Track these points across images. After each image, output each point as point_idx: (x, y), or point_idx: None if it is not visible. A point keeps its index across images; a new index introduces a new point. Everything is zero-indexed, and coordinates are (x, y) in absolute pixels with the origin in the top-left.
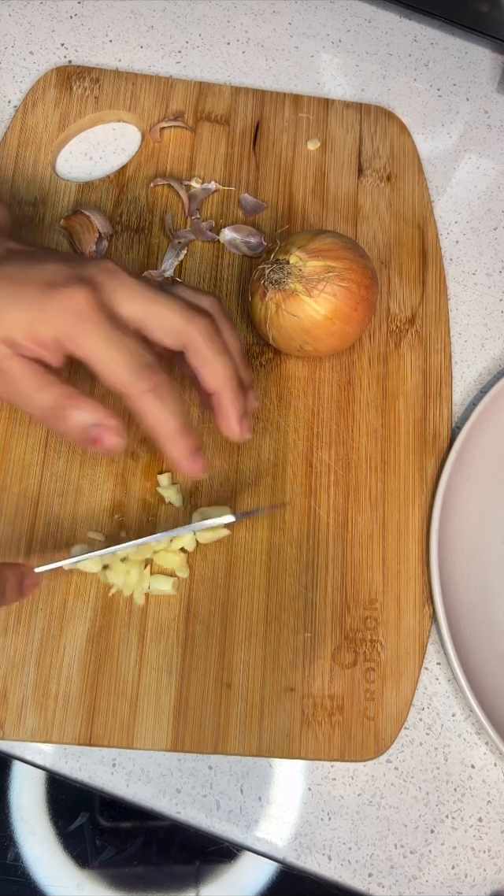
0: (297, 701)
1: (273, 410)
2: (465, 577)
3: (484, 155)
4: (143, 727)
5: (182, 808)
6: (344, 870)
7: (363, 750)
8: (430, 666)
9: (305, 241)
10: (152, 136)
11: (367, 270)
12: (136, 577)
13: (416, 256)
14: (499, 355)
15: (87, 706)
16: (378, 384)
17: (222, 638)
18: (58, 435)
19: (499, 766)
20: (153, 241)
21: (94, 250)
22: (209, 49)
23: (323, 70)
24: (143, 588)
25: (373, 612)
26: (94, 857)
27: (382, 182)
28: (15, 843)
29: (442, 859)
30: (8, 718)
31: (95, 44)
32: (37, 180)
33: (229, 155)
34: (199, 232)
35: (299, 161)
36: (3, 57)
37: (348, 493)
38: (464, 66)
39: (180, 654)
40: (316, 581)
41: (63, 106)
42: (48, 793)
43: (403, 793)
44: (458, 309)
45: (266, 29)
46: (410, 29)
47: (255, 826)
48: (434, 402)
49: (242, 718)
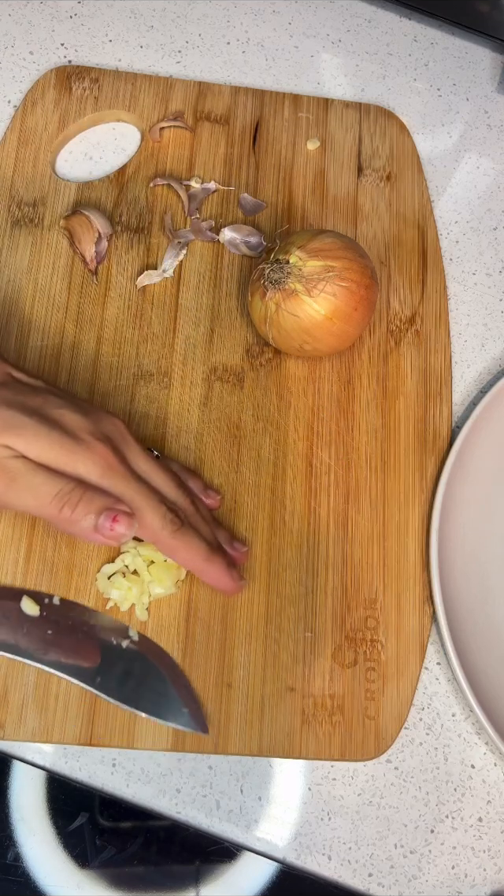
0: (297, 700)
1: (273, 410)
2: (465, 577)
3: (484, 155)
4: (144, 727)
5: (182, 808)
6: (344, 870)
7: (363, 750)
8: (430, 666)
9: (305, 241)
10: (152, 136)
11: (366, 270)
12: (137, 592)
13: (416, 256)
14: (499, 355)
15: (88, 706)
16: (378, 384)
17: (222, 637)
18: (64, 529)
19: (499, 766)
20: (153, 240)
21: (94, 250)
22: (209, 49)
23: (323, 70)
24: (144, 603)
25: (373, 611)
26: (94, 857)
27: (382, 182)
28: (15, 843)
29: (442, 859)
30: (9, 718)
31: (95, 44)
32: (36, 180)
33: (229, 155)
34: (199, 232)
35: (299, 161)
36: (3, 57)
37: (348, 493)
38: (464, 66)
39: (181, 653)
40: (316, 581)
41: (63, 106)
42: (48, 793)
43: (403, 793)
44: (458, 309)
45: (266, 29)
46: (410, 29)
47: (255, 826)
48: (434, 402)
49: (243, 718)
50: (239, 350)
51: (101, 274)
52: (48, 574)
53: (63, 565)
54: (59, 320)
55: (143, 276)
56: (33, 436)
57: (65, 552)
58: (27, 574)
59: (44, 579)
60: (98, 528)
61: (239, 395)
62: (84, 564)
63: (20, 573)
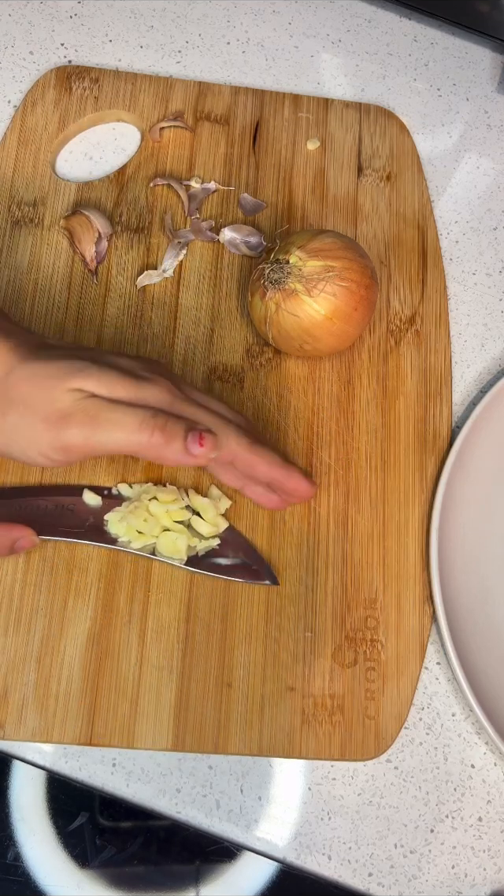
0: (297, 700)
1: (273, 410)
2: (465, 577)
3: (484, 155)
4: (144, 727)
5: (182, 808)
6: (344, 869)
7: (363, 749)
8: (430, 666)
9: (305, 241)
10: (152, 136)
11: (366, 270)
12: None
13: (416, 256)
14: (499, 355)
15: (88, 706)
16: (378, 383)
17: (223, 637)
18: (153, 455)
19: (499, 766)
20: (153, 240)
21: (94, 250)
22: (209, 49)
23: (323, 70)
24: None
25: (373, 611)
26: (94, 857)
27: (382, 182)
28: (15, 843)
29: (442, 859)
30: (8, 718)
31: (95, 44)
32: (36, 180)
33: (229, 155)
34: (199, 232)
35: (299, 161)
36: (3, 57)
37: (348, 493)
38: (464, 66)
39: (181, 653)
40: (316, 580)
41: (63, 106)
42: (48, 793)
43: (403, 792)
44: (458, 309)
45: (266, 29)
46: (410, 29)
47: (255, 826)
48: (434, 402)
49: (243, 717)
50: (239, 350)
51: (101, 274)
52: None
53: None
54: (59, 320)
55: (143, 276)
56: (99, 375)
57: None
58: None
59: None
60: (188, 449)
61: (239, 394)
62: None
63: None
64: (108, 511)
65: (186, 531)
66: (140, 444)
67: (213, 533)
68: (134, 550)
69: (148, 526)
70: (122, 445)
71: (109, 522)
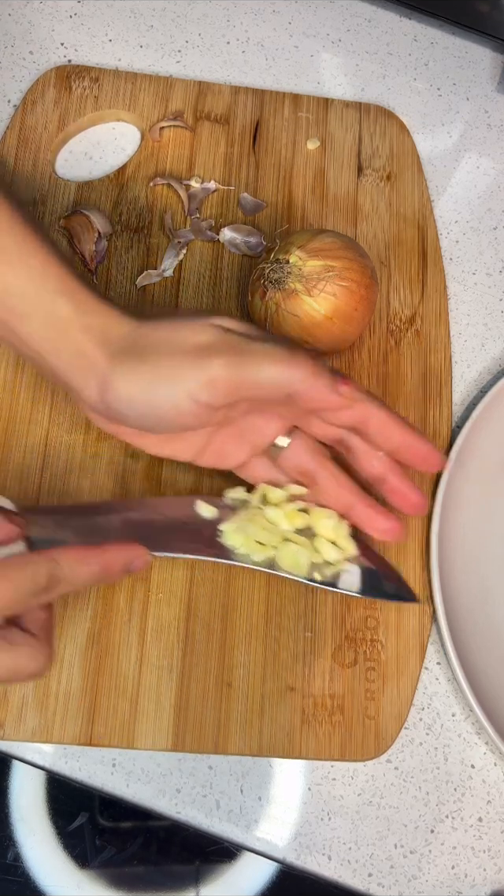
0: (297, 700)
1: None
2: (465, 577)
3: (484, 154)
4: (144, 727)
5: (182, 808)
6: (344, 870)
7: (363, 749)
8: (430, 666)
9: (305, 241)
10: (152, 136)
11: (366, 270)
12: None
13: (416, 256)
14: (499, 355)
15: (88, 706)
16: (378, 383)
17: (223, 637)
18: (302, 385)
19: (499, 766)
20: (153, 240)
21: (94, 250)
22: (209, 48)
23: (323, 69)
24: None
25: (373, 611)
26: (94, 857)
27: (382, 181)
28: (15, 843)
29: (442, 859)
30: (8, 718)
31: (95, 43)
32: (36, 180)
33: (229, 154)
34: (199, 231)
35: (299, 160)
36: (3, 57)
37: None
38: (464, 66)
39: (181, 652)
40: None
41: (62, 105)
42: (48, 793)
43: (403, 793)
44: (458, 309)
45: (266, 28)
46: (410, 28)
47: (255, 826)
48: (434, 402)
49: (243, 718)
50: None
51: (100, 274)
52: None
53: None
54: None
55: (143, 275)
56: (235, 318)
57: None
58: None
59: None
60: (335, 387)
61: None
62: None
63: None
64: (221, 522)
65: (309, 544)
66: (293, 377)
67: (341, 558)
68: (253, 565)
69: (267, 535)
70: (273, 377)
71: (225, 534)
